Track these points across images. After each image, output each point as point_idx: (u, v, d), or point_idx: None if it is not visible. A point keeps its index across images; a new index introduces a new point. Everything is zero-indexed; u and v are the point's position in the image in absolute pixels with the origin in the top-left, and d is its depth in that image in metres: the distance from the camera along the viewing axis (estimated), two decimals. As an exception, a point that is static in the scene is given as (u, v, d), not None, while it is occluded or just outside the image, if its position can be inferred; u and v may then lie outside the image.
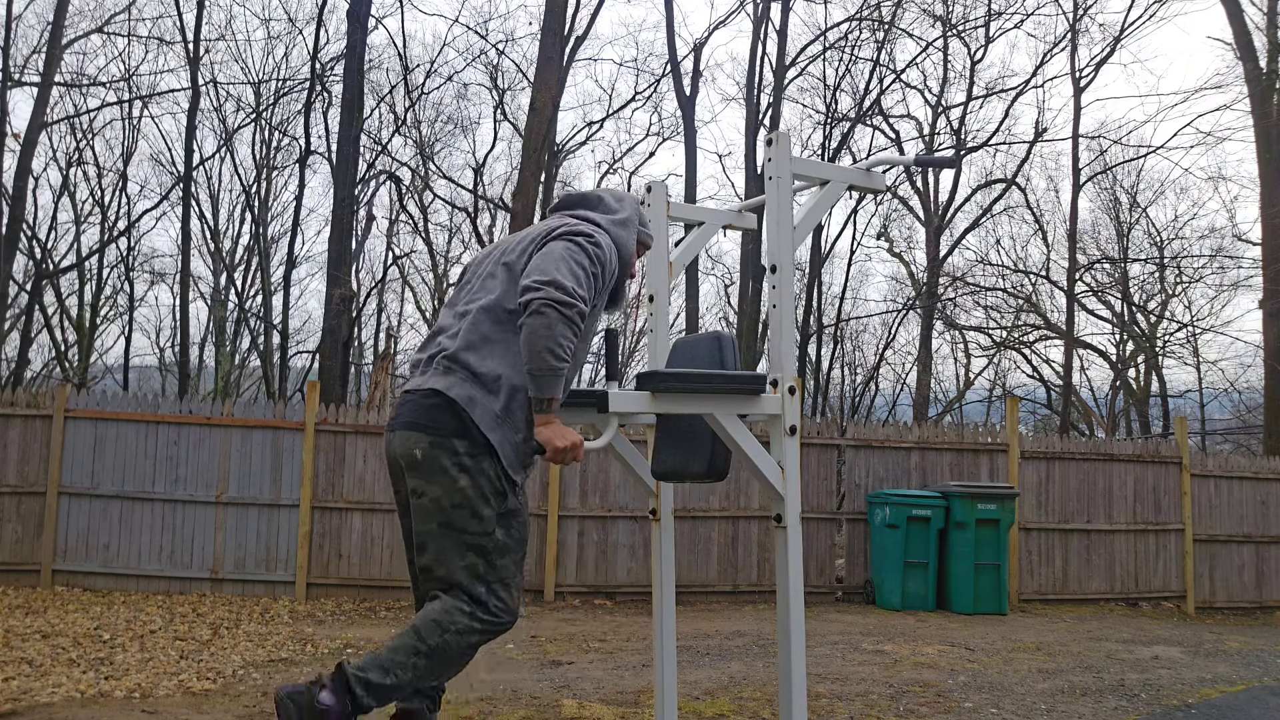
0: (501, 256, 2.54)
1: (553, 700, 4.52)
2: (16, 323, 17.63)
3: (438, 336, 2.51)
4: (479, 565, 2.33)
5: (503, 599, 2.36)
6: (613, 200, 2.68)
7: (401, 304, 25.74)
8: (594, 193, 2.73)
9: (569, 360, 2.30)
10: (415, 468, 2.36)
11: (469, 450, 2.33)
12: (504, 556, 2.37)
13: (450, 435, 2.34)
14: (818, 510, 8.95)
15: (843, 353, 23.11)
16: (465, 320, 2.45)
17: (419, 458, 2.35)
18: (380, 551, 8.30)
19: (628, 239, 2.61)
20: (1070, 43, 17.60)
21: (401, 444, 2.41)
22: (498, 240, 2.75)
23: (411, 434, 2.38)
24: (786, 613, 2.67)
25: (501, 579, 2.36)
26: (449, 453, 2.33)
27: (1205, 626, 8.51)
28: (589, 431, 7.34)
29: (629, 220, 2.64)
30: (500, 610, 2.35)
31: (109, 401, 8.56)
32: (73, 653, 5.38)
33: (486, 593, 2.34)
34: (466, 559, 2.33)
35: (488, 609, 2.33)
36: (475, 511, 2.33)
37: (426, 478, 2.34)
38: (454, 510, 2.32)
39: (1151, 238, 20.60)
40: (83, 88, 18.06)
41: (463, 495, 2.32)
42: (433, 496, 2.34)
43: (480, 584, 2.33)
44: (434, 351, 2.47)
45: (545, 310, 2.25)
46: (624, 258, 2.59)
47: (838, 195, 2.93)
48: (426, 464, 2.35)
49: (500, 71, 19.18)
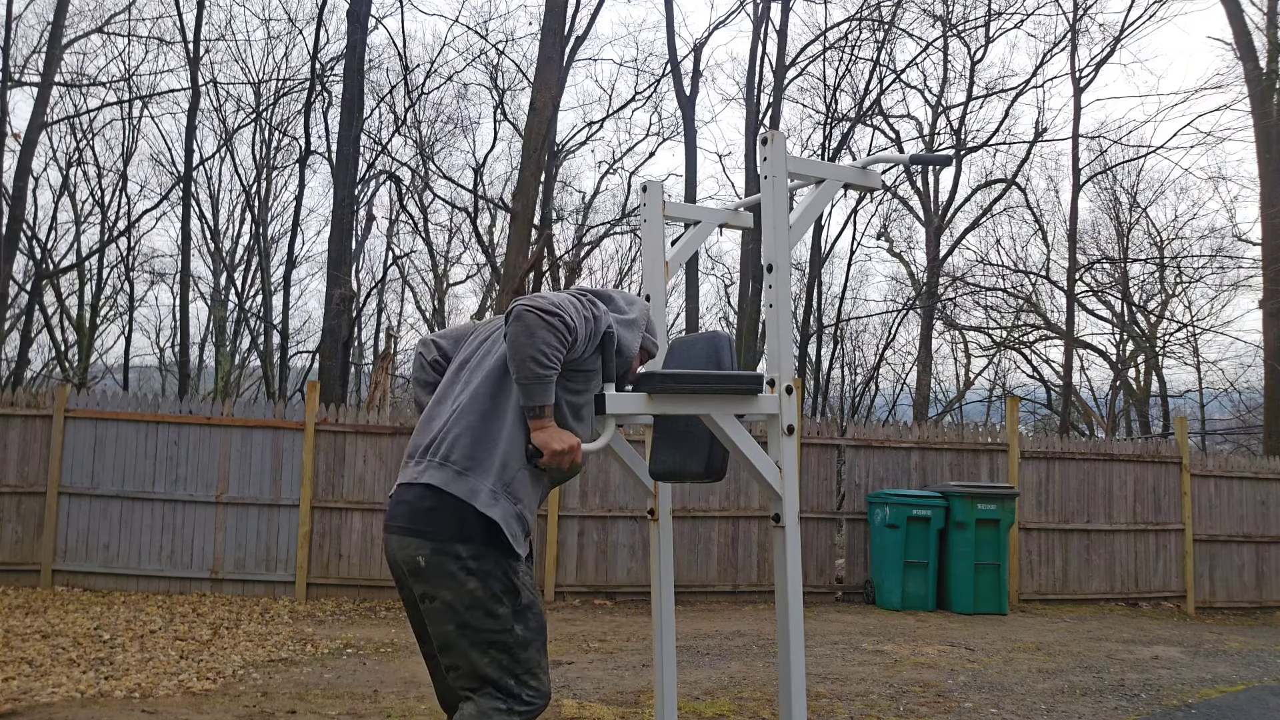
0: (499, 330, 2.52)
1: (553, 700, 4.52)
2: (16, 323, 17.64)
3: (433, 422, 2.47)
4: (503, 659, 2.31)
5: (534, 687, 2.34)
6: (623, 301, 2.65)
7: (401, 304, 25.77)
8: (606, 291, 2.70)
9: (554, 367, 2.27)
10: (419, 574, 2.32)
11: (472, 553, 2.29)
12: (526, 649, 2.34)
13: (452, 540, 2.29)
14: (818, 510, 8.95)
15: (843, 353, 23.13)
16: (461, 406, 2.42)
17: (422, 565, 2.31)
18: (380, 552, 8.29)
19: (631, 340, 2.57)
20: (1070, 43, 17.61)
21: (401, 550, 2.35)
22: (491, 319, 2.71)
23: (411, 539, 2.33)
24: (786, 613, 2.67)
25: (528, 669, 2.34)
26: (453, 558, 2.29)
27: (1205, 626, 8.51)
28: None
29: (636, 323, 2.62)
30: (534, 697, 2.33)
31: (109, 401, 8.56)
32: (73, 653, 5.38)
33: (517, 685, 2.32)
34: (490, 655, 2.30)
35: (521, 700, 2.31)
36: (490, 611, 2.30)
37: (434, 584, 2.30)
38: (468, 611, 2.29)
39: (1151, 238, 20.60)
40: (83, 88, 18.08)
41: (474, 597, 2.29)
42: (444, 601, 2.30)
43: (509, 677, 2.31)
44: (428, 441, 2.42)
45: (525, 315, 2.22)
46: (626, 355, 2.55)
47: (833, 193, 2.93)
48: (431, 571, 2.30)
49: (500, 71, 19.22)
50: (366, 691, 4.82)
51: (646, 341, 2.72)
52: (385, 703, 4.59)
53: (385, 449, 8.42)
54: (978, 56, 19.07)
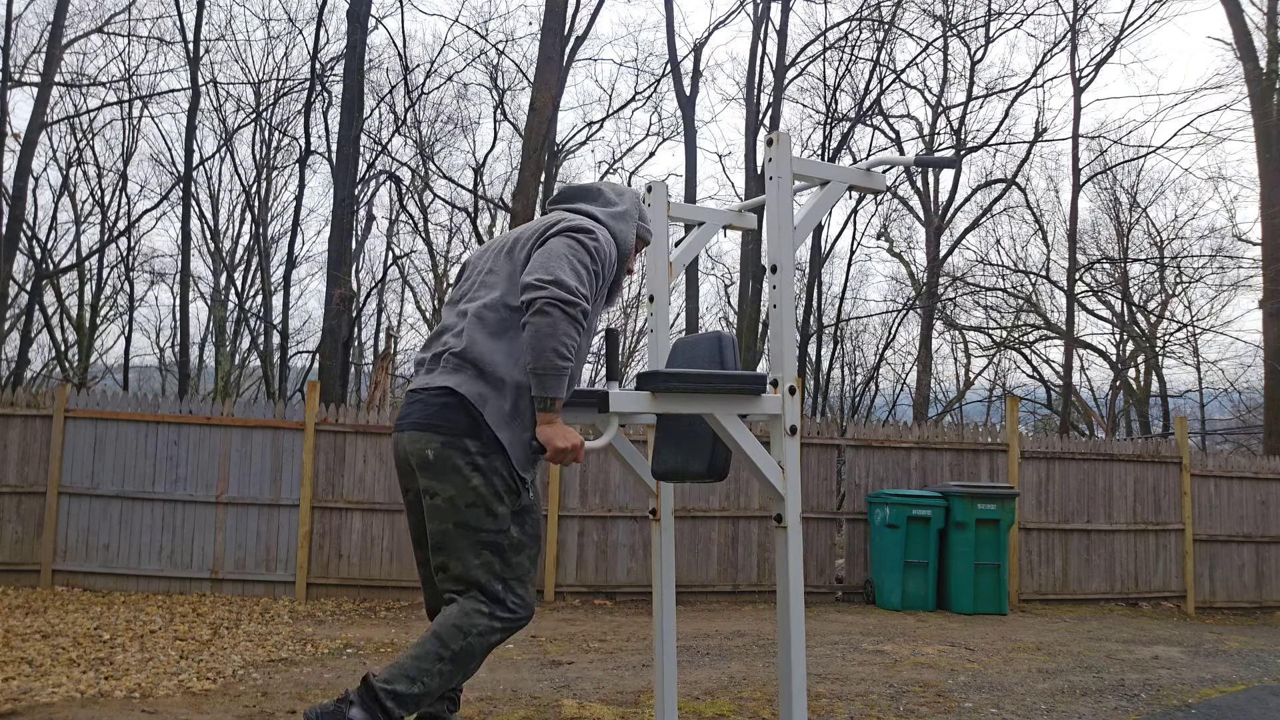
0: (501, 252, 2.54)
1: (553, 700, 4.52)
2: (16, 323, 17.63)
3: (442, 335, 2.50)
4: (495, 563, 2.33)
5: (520, 595, 2.37)
6: (612, 194, 2.67)
7: (401, 304, 25.76)
8: (593, 185, 2.72)
9: (573, 360, 2.31)
10: (427, 467, 2.35)
11: (481, 449, 2.33)
12: (519, 553, 2.38)
13: (462, 435, 2.33)
14: (818, 510, 8.95)
15: (843, 353, 23.13)
16: (469, 318, 2.44)
17: (431, 457, 2.34)
18: (380, 551, 8.30)
19: (627, 233, 2.60)
20: (1070, 43, 17.61)
21: (412, 444, 2.39)
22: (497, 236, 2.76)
23: (423, 434, 2.37)
24: (786, 613, 2.67)
25: (517, 575, 2.37)
26: (461, 452, 2.32)
27: (1205, 626, 8.51)
28: (589, 431, 7.34)
29: (628, 214, 2.64)
30: (518, 606, 2.36)
31: (109, 401, 8.56)
32: (73, 653, 5.38)
33: (504, 590, 2.34)
34: (482, 556, 2.33)
35: (506, 606, 2.34)
36: (490, 509, 2.33)
37: (439, 477, 2.33)
38: (468, 509, 2.32)
39: (1151, 238, 20.61)
40: (83, 88, 18.07)
41: (476, 494, 2.32)
42: (446, 496, 2.33)
43: (497, 581, 2.33)
44: (439, 350, 2.46)
45: (549, 310, 2.25)
46: (622, 252, 2.59)
47: (838, 195, 2.93)
48: (439, 464, 2.33)
49: (500, 71, 19.19)
50: (367, 691, 4.81)
51: (641, 230, 2.74)
52: (386, 703, 4.58)
53: (385, 449, 8.42)
54: (978, 56, 19.09)
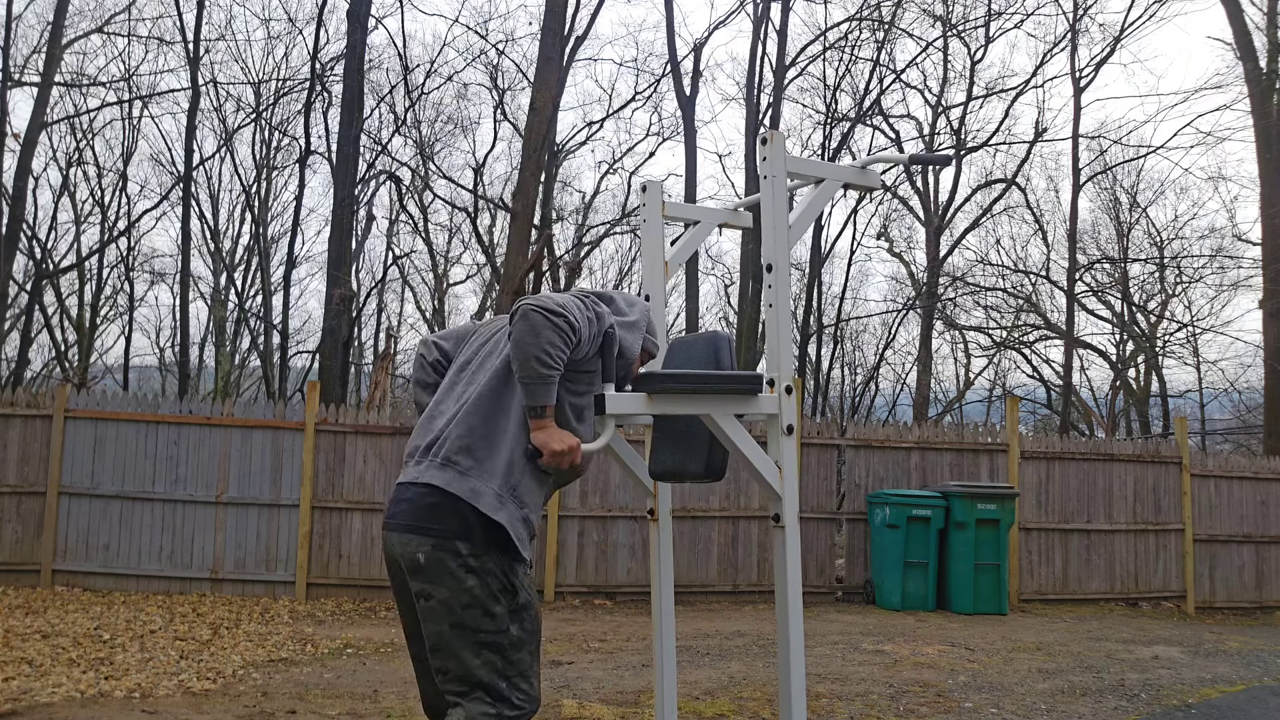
0: (502, 331, 2.52)
1: (553, 700, 4.52)
2: (16, 323, 17.64)
3: (434, 421, 2.46)
4: (496, 661, 2.30)
5: (524, 690, 2.33)
6: (623, 303, 2.64)
7: (401, 304, 25.77)
8: (607, 292, 2.70)
9: (558, 367, 2.26)
10: (418, 571, 2.31)
11: (473, 551, 2.29)
12: (520, 650, 2.34)
13: (453, 537, 2.29)
14: (818, 510, 8.95)
15: (843, 353, 23.13)
16: (464, 407, 2.41)
17: (422, 561, 2.30)
18: (380, 552, 8.29)
19: (633, 342, 2.56)
20: (1070, 43, 17.61)
21: (402, 546, 2.34)
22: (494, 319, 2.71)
23: (412, 536, 2.32)
24: (786, 613, 2.67)
25: (520, 672, 2.33)
26: (453, 554, 2.28)
27: (1205, 626, 8.51)
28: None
29: (637, 325, 2.61)
30: (524, 701, 2.33)
31: (109, 401, 8.56)
32: (73, 653, 5.38)
33: (508, 688, 2.31)
34: (483, 656, 2.29)
35: (512, 704, 2.30)
36: (487, 610, 2.29)
37: (432, 581, 2.29)
38: (465, 611, 2.28)
39: (1151, 238, 20.60)
40: (83, 88, 18.07)
41: (472, 595, 2.28)
42: (441, 599, 2.29)
43: (501, 679, 2.30)
44: (430, 440, 2.41)
45: (530, 314, 2.22)
46: (627, 357, 2.55)
47: (833, 193, 2.93)
48: (430, 568, 2.29)
49: (500, 71, 19.21)
50: (366, 691, 4.82)
51: (647, 343, 2.71)
52: (385, 703, 4.59)
53: (385, 449, 8.42)
54: (978, 56, 19.09)
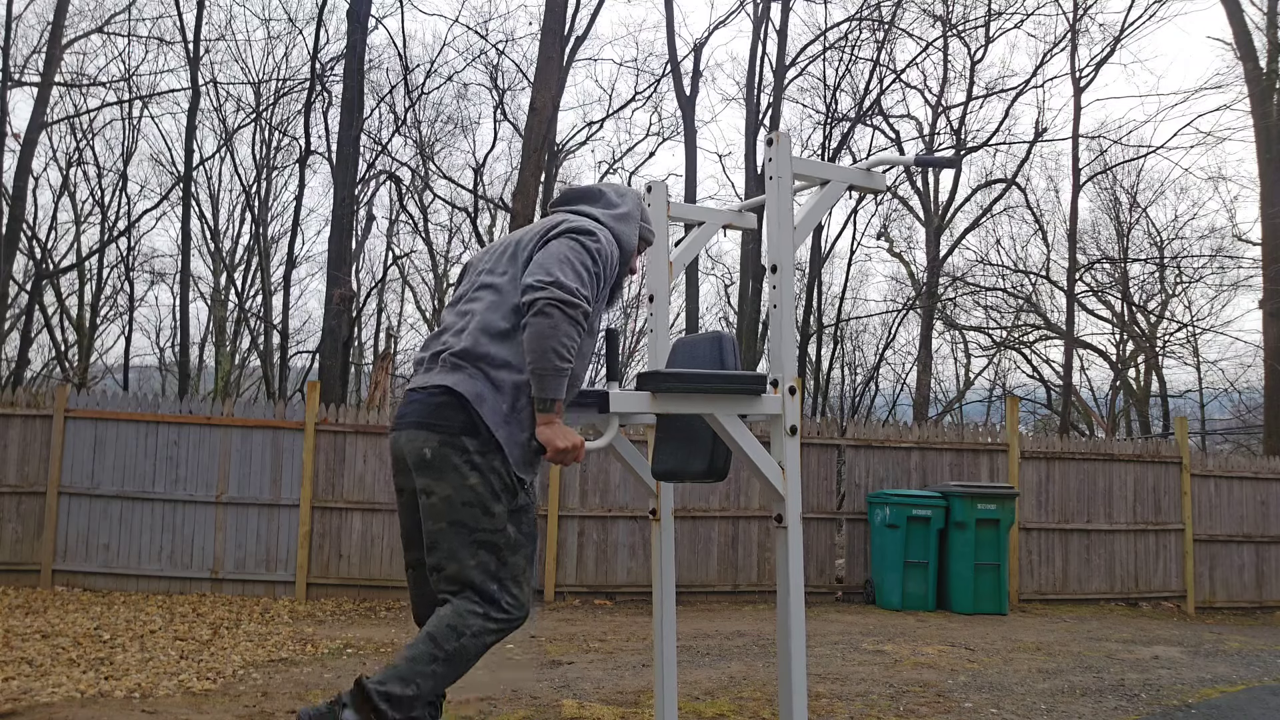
0: (503, 253, 2.54)
1: (553, 700, 4.52)
2: (16, 323, 17.62)
3: (442, 335, 2.50)
4: (491, 562, 2.32)
5: (515, 595, 2.36)
6: (614, 195, 2.67)
7: (401, 304, 25.75)
8: (595, 187, 2.72)
9: (573, 361, 2.30)
10: (424, 466, 2.35)
11: (478, 448, 2.32)
12: (515, 553, 2.37)
13: (459, 433, 2.32)
14: (818, 510, 8.95)
15: (843, 353, 23.11)
16: (470, 318, 2.45)
17: (428, 456, 2.33)
18: (380, 551, 8.30)
19: (629, 234, 2.60)
20: (1070, 43, 17.59)
21: (409, 442, 2.38)
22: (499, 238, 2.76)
23: (420, 432, 2.36)
24: (786, 613, 2.67)
25: (513, 575, 2.36)
26: (459, 450, 2.32)
27: (1205, 626, 8.51)
28: (589, 431, 7.34)
29: (630, 215, 2.64)
30: (513, 606, 2.35)
31: (109, 401, 8.56)
32: (73, 653, 5.38)
33: (499, 590, 2.33)
34: (478, 556, 2.32)
35: (500, 606, 2.33)
36: (486, 508, 2.32)
37: (436, 476, 2.33)
38: (465, 508, 2.31)
39: (1151, 238, 20.59)
40: (83, 88, 18.04)
41: (473, 493, 2.31)
42: (443, 495, 2.32)
43: (492, 581, 2.32)
44: (439, 349, 2.46)
45: (550, 311, 2.25)
46: (625, 253, 2.59)
47: (838, 195, 2.93)
48: (436, 462, 2.33)
49: (500, 71, 19.17)
50: (367, 691, 4.81)
51: (643, 230, 2.74)
52: (386, 703, 4.58)
53: (385, 449, 8.41)
54: (978, 56, 19.06)
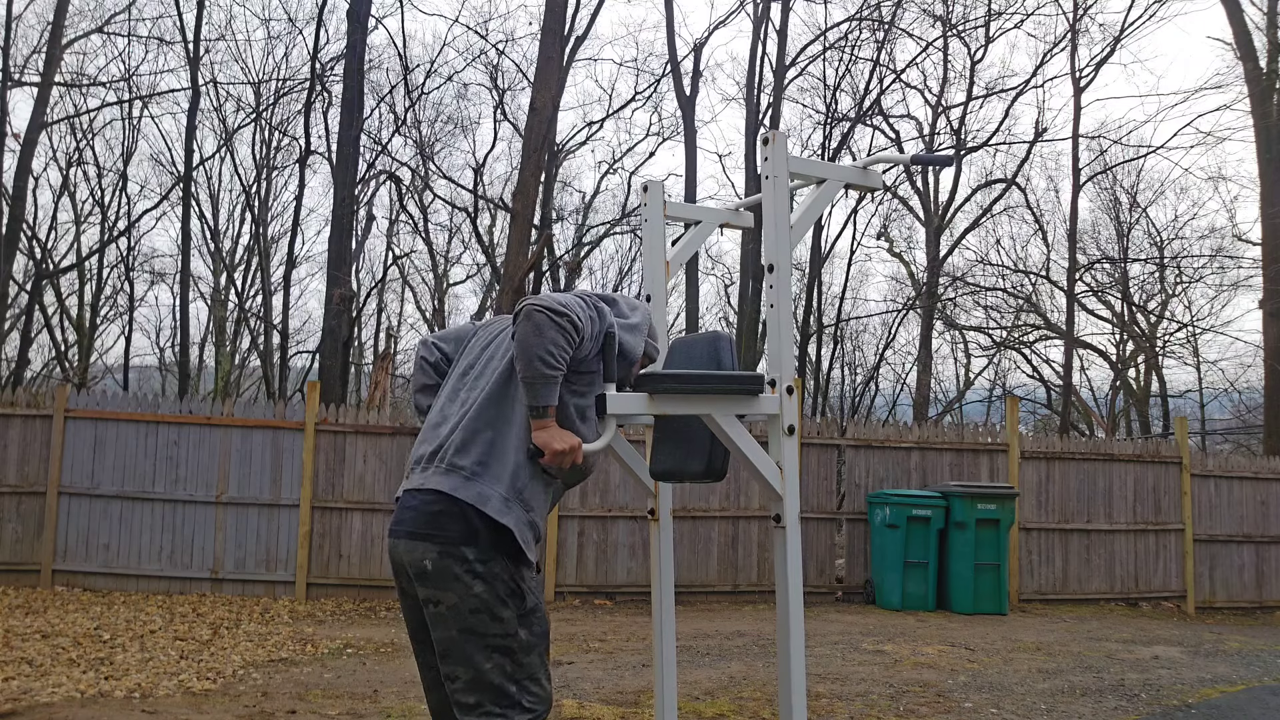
0: (505, 333, 2.52)
1: (554, 701, 4.52)
2: (16, 323, 17.62)
3: (439, 427, 2.47)
4: (506, 664, 2.30)
5: (535, 693, 2.33)
6: (626, 306, 2.64)
7: (401, 304, 25.74)
8: (610, 295, 2.71)
9: (561, 368, 2.27)
10: (426, 578, 2.32)
11: (479, 556, 2.30)
12: (529, 654, 2.34)
13: (459, 543, 2.29)
14: (818, 510, 8.95)
15: (843, 353, 23.08)
16: (469, 412, 2.42)
17: (429, 569, 2.31)
18: (380, 551, 8.29)
19: (635, 344, 2.57)
20: (1070, 43, 17.58)
21: (409, 554, 2.35)
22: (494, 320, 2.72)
23: (418, 544, 2.33)
24: (786, 613, 2.67)
25: (530, 675, 2.34)
26: (459, 560, 2.29)
27: (1205, 626, 8.51)
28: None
29: (638, 327, 2.61)
30: (535, 704, 2.33)
31: (109, 401, 8.56)
32: (73, 653, 5.38)
33: (519, 691, 2.31)
34: (493, 660, 2.30)
35: (523, 707, 2.30)
36: (495, 615, 2.30)
37: (439, 587, 2.30)
38: (473, 615, 2.29)
39: (1151, 238, 20.57)
40: (83, 88, 18.04)
41: (480, 600, 2.29)
42: (449, 605, 2.30)
43: (511, 683, 2.30)
44: (435, 447, 2.42)
45: (534, 315, 2.22)
46: (629, 359, 2.55)
47: (835, 194, 2.93)
48: (437, 574, 2.30)
49: (500, 71, 19.18)
50: (366, 691, 4.82)
51: (649, 346, 2.71)
52: (385, 703, 4.59)
53: (385, 449, 8.42)
54: (978, 56, 19.05)
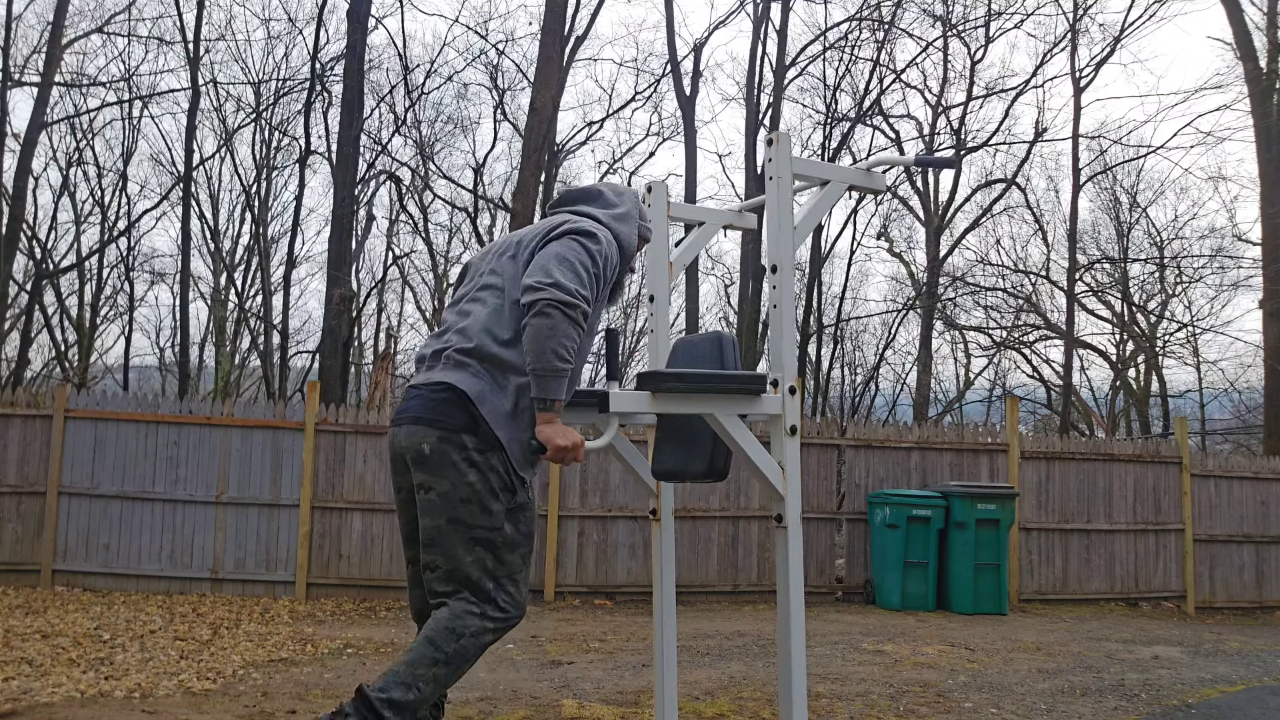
0: (503, 253, 2.55)
1: (553, 700, 4.52)
2: (16, 323, 17.61)
3: (444, 333, 2.50)
4: (487, 559, 2.33)
5: (510, 594, 2.36)
6: (612, 195, 2.68)
7: (401, 304, 25.72)
8: (594, 187, 2.73)
9: (572, 361, 2.31)
10: (423, 462, 2.35)
11: (478, 446, 2.32)
12: (512, 551, 2.37)
13: (459, 430, 2.32)
14: (818, 510, 8.95)
15: (843, 353, 23.06)
16: (471, 318, 2.45)
17: (427, 452, 2.33)
18: (380, 551, 8.30)
19: (628, 234, 2.62)
20: (1070, 43, 17.59)
21: (408, 438, 2.38)
22: (498, 238, 2.76)
23: (419, 428, 2.36)
24: (786, 613, 2.67)
25: (509, 574, 2.37)
26: (458, 448, 2.32)
27: (1205, 626, 8.51)
28: (589, 431, 7.34)
29: (629, 215, 2.65)
30: (509, 605, 2.36)
31: (109, 401, 8.56)
32: (73, 653, 5.38)
33: (495, 588, 2.33)
34: (475, 553, 2.32)
35: (498, 605, 2.33)
36: (484, 506, 2.32)
37: (434, 472, 2.33)
38: (462, 505, 2.31)
39: (1151, 238, 20.59)
40: (83, 88, 18.03)
41: (471, 490, 2.31)
42: (441, 491, 2.33)
43: (489, 579, 2.33)
44: (440, 347, 2.46)
45: (549, 311, 2.26)
46: (625, 253, 2.60)
47: (838, 195, 2.93)
48: (435, 459, 2.33)
49: (500, 71, 19.16)
50: (367, 691, 4.81)
51: (642, 229, 2.76)
52: (386, 703, 4.58)
53: (386, 449, 8.41)
54: (978, 56, 19.05)
